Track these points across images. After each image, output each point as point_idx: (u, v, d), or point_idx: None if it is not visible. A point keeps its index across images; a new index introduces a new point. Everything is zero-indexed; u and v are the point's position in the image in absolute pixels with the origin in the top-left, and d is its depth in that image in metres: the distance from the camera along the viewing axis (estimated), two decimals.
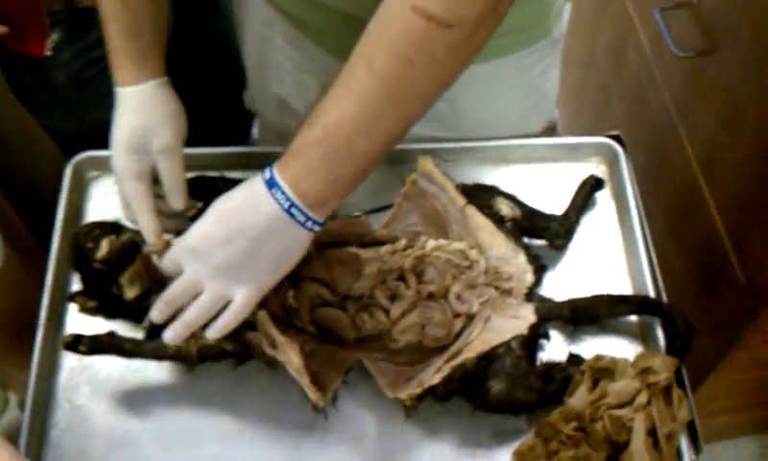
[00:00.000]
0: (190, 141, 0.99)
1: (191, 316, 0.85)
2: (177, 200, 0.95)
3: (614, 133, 1.12)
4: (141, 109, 0.94)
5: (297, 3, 1.04)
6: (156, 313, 0.87)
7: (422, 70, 0.75)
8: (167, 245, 0.90)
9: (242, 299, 0.84)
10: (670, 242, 1.51)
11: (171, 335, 0.86)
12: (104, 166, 1.11)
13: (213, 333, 0.85)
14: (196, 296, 0.85)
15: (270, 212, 0.79)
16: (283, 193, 0.78)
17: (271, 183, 0.79)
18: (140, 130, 0.93)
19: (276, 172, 0.79)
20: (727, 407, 1.60)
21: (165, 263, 0.88)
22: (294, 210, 0.79)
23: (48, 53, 1.31)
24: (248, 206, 0.81)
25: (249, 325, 0.90)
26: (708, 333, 1.20)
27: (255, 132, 1.78)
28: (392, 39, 0.74)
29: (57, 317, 1.01)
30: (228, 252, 0.81)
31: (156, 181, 0.95)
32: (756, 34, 1.17)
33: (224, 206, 0.83)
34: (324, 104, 0.77)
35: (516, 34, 1.04)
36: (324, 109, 0.77)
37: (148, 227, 0.92)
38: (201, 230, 0.83)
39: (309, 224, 0.81)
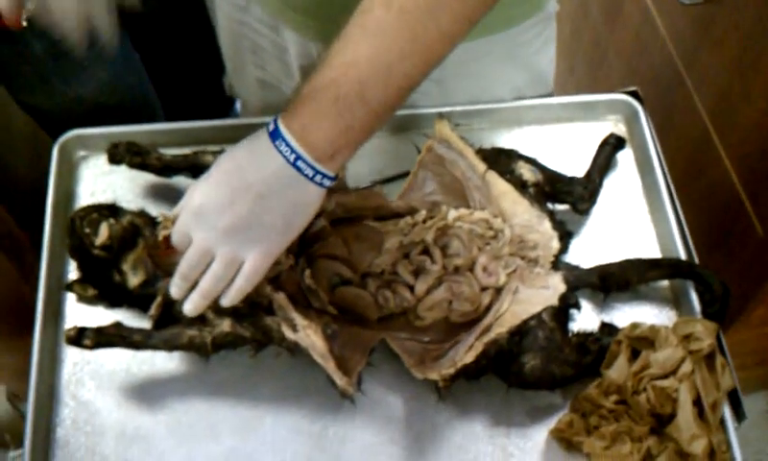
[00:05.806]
0: (170, 118, 0.89)
1: (206, 285, 0.79)
2: None
3: (632, 88, 1.07)
4: None
5: None
6: (175, 289, 0.81)
7: (448, 4, 0.69)
8: (174, 221, 0.82)
9: (252, 262, 0.77)
10: (682, 197, 1.47)
11: (190, 307, 0.80)
12: (93, 145, 1.05)
13: (227, 301, 0.79)
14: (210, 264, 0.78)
15: (274, 167, 0.72)
16: (288, 145, 0.71)
17: (275, 135, 0.72)
18: None
19: (281, 122, 0.72)
20: (735, 365, 1.58)
21: (175, 238, 0.81)
22: (300, 163, 0.71)
23: (24, 24, 1.23)
24: (251, 161, 0.74)
25: (266, 309, 0.84)
26: None
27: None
28: None
29: (54, 308, 0.94)
30: (233, 213, 0.74)
31: None
32: None
33: (226, 165, 0.76)
34: (336, 45, 0.70)
35: (506, 9, 0.97)
36: (336, 50, 0.70)
37: None
38: (203, 192, 0.76)
39: (318, 178, 0.73)
